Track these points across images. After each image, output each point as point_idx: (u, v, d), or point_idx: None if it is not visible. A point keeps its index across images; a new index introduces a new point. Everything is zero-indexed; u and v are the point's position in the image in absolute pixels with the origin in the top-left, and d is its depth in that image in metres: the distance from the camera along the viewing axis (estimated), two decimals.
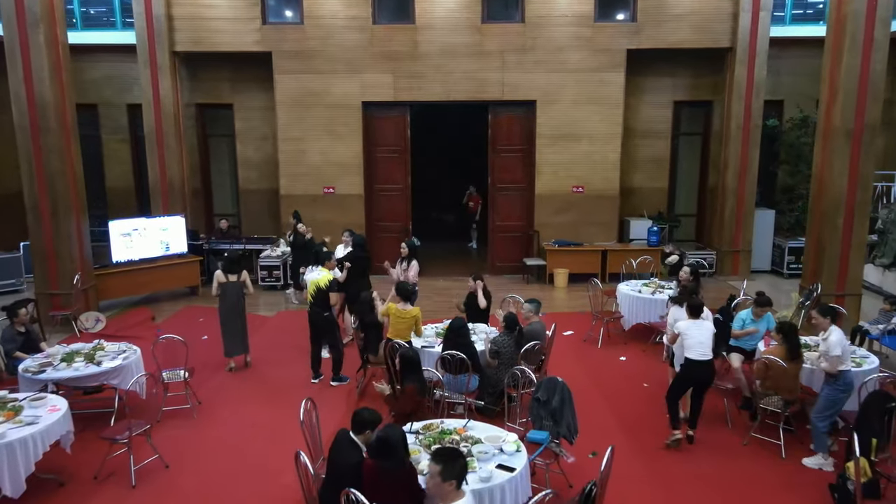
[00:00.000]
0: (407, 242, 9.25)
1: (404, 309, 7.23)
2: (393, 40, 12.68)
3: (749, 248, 13.07)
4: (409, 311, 7.24)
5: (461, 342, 6.60)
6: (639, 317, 9.28)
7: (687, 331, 6.23)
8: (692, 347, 6.17)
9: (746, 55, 12.40)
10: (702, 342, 6.13)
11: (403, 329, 7.22)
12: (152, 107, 12.61)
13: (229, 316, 8.44)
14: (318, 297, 7.74)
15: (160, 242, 11.59)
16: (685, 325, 6.27)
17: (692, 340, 6.16)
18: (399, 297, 7.32)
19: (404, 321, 7.22)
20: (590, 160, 13.03)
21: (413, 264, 8.95)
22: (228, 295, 8.39)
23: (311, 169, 13.11)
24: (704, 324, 6.30)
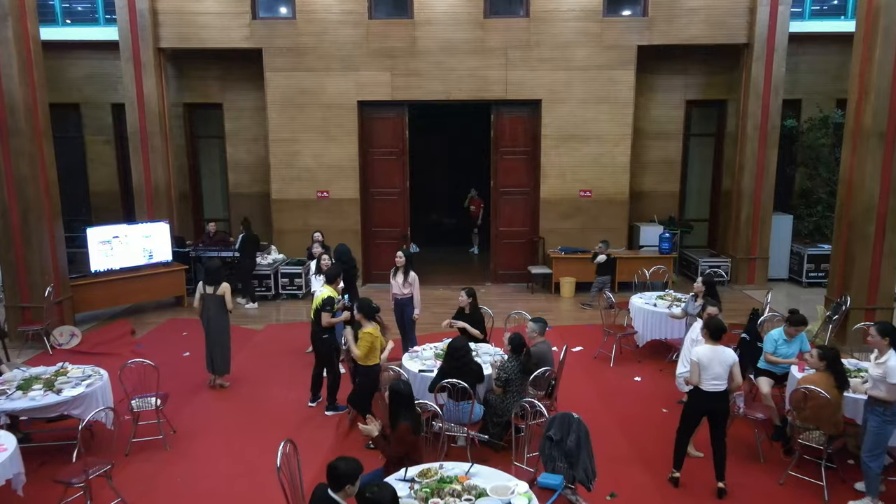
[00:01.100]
0: (403, 251, 8.48)
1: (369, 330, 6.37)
2: (390, 36, 12.00)
3: (766, 256, 12.39)
4: (369, 332, 6.30)
5: (462, 364, 5.93)
6: (654, 332, 8.60)
7: (706, 361, 5.39)
8: (708, 381, 5.40)
9: (764, 52, 11.71)
10: (719, 375, 5.37)
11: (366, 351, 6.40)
12: (136, 106, 11.94)
13: (208, 332, 7.84)
14: (315, 316, 7.07)
15: (143, 250, 10.92)
16: (704, 354, 5.44)
17: (709, 373, 5.38)
18: (363, 317, 6.41)
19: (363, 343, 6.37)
20: (598, 163, 12.35)
21: (413, 277, 8.19)
22: (208, 309, 7.79)
23: (304, 172, 12.43)
24: (725, 353, 5.46)
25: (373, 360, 6.36)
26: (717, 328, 5.46)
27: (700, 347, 5.50)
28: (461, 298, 7.49)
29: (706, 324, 5.57)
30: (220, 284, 7.70)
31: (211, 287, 7.70)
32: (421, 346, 7.11)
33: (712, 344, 5.45)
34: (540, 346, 6.47)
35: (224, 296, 7.69)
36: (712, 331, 5.46)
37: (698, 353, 5.45)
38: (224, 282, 7.77)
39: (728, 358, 5.38)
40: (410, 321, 8.25)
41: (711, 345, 5.44)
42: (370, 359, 6.35)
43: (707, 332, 5.51)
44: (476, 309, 7.54)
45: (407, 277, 8.13)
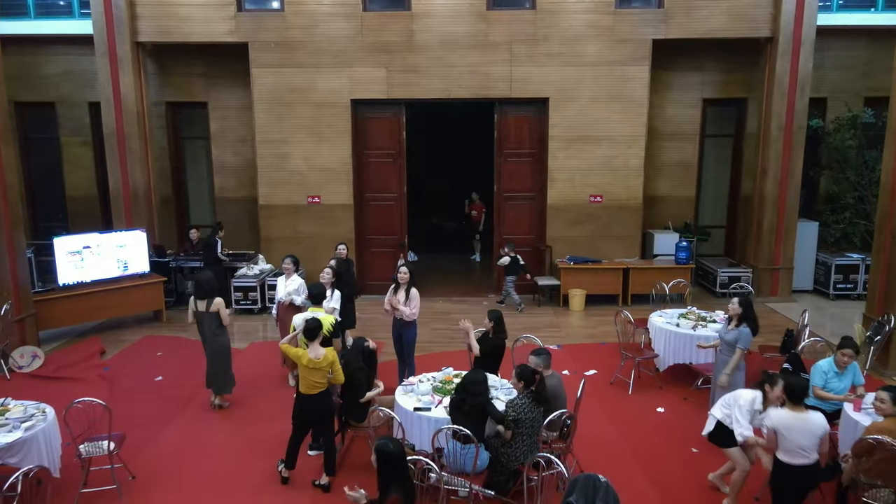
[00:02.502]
0: (407, 266, 7.49)
1: (316, 358, 5.51)
2: (386, 30, 11.14)
3: (791, 266, 11.51)
4: (326, 357, 5.55)
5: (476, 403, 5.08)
6: (677, 356, 7.73)
7: (787, 430, 4.45)
8: (791, 451, 4.49)
9: (790, 46, 10.84)
10: (805, 447, 4.45)
11: (316, 380, 5.58)
12: (112, 105, 11.08)
13: (207, 350, 7.15)
14: None
15: (117, 261, 10.06)
16: (783, 421, 4.47)
17: (792, 444, 4.46)
18: (306, 337, 5.58)
19: (318, 371, 5.55)
20: (609, 166, 11.48)
21: (414, 295, 7.29)
22: (201, 327, 7.09)
23: (294, 176, 11.57)
24: (813, 421, 4.49)
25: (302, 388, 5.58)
26: (800, 390, 4.53)
27: (778, 413, 4.57)
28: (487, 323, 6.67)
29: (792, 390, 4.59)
30: (213, 299, 6.96)
31: (203, 302, 6.96)
32: (417, 378, 6.23)
33: (795, 410, 4.52)
34: (548, 380, 5.59)
35: (218, 312, 6.97)
36: (795, 395, 4.53)
37: (775, 419, 4.51)
38: (217, 296, 7.03)
39: (818, 428, 4.49)
40: (409, 343, 7.38)
41: (794, 411, 4.51)
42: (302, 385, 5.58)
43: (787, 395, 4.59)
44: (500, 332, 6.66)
45: (408, 296, 7.24)
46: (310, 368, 5.50)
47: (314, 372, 5.51)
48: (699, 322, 7.83)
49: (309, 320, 5.62)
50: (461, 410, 5.09)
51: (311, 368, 5.50)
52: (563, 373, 8.09)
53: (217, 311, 7.00)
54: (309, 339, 5.54)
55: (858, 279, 11.45)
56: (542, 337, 9.60)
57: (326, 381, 5.61)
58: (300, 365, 5.53)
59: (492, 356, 6.56)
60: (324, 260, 11.20)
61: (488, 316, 6.60)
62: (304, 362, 5.50)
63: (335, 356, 5.66)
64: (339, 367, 5.66)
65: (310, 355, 5.50)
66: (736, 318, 6.34)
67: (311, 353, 5.51)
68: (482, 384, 5.17)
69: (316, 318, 5.67)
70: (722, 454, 5.45)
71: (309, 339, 5.54)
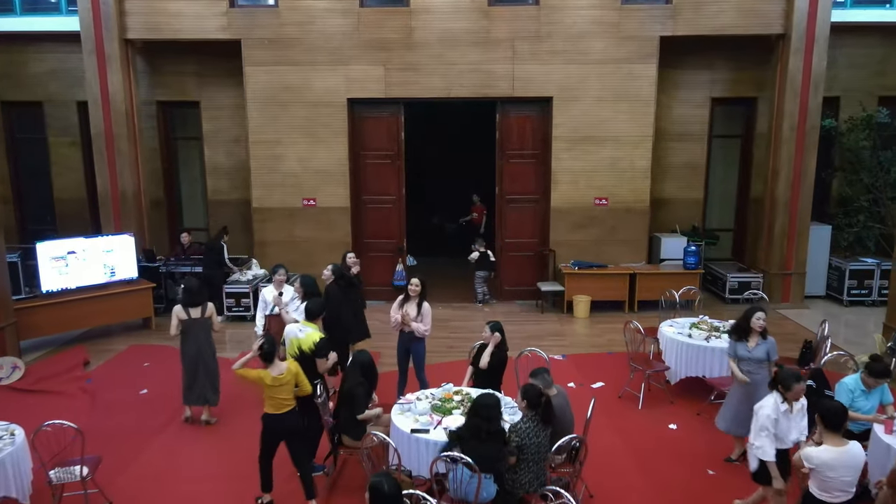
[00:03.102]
0: (421, 279, 6.91)
1: (280, 374, 5.20)
2: (384, 26, 10.75)
3: (803, 271, 11.12)
4: (289, 370, 5.26)
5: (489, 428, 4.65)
6: (689, 368, 7.33)
7: (831, 471, 4.02)
8: (832, 490, 4.07)
9: (803, 43, 10.44)
10: (848, 483, 4.04)
11: (284, 398, 5.25)
12: (100, 104, 10.69)
13: (194, 362, 6.77)
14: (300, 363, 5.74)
15: (103, 266, 9.67)
16: (827, 460, 4.03)
17: (835, 483, 4.04)
18: (264, 361, 5.25)
19: (284, 388, 5.23)
20: (615, 167, 11.08)
21: (426, 310, 6.83)
22: (192, 336, 6.71)
23: (288, 178, 11.18)
24: (854, 450, 4.07)
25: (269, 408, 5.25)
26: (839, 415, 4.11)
27: (817, 451, 4.09)
28: (486, 334, 6.24)
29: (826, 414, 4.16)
30: (207, 305, 6.75)
31: (196, 309, 6.68)
32: (415, 395, 5.83)
33: (835, 443, 4.08)
34: (554, 400, 5.19)
35: (212, 317, 6.79)
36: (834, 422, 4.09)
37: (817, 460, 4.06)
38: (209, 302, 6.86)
39: (859, 460, 4.10)
40: (420, 359, 6.95)
41: (834, 445, 4.07)
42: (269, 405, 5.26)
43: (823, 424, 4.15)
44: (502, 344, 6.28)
45: (421, 309, 6.80)
46: (275, 387, 5.18)
47: (280, 389, 5.21)
48: (712, 332, 7.43)
49: (262, 343, 5.27)
50: (479, 438, 4.62)
51: (276, 386, 5.19)
52: (568, 385, 7.74)
53: (211, 316, 6.80)
54: (267, 363, 5.22)
55: (873, 285, 11.07)
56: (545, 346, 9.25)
57: (294, 397, 5.31)
58: (265, 386, 5.19)
59: (495, 371, 6.17)
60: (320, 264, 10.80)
61: (491, 328, 6.19)
62: (268, 382, 5.17)
63: (298, 367, 5.37)
64: (304, 378, 5.38)
65: (273, 373, 5.19)
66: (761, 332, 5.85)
67: (273, 371, 5.20)
68: (499, 408, 4.75)
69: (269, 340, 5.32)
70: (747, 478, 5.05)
71: (266, 361, 5.22)
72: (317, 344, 5.70)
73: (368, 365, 5.53)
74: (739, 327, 5.91)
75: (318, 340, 5.70)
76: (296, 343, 5.80)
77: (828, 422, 4.08)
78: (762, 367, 5.74)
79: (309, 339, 5.73)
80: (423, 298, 6.81)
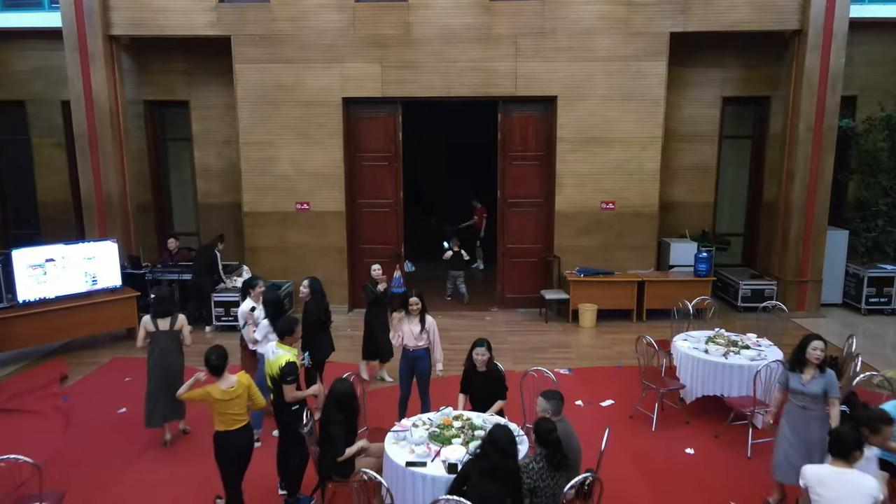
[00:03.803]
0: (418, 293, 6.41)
1: (230, 387, 4.90)
2: (380, 22, 10.26)
3: (819, 278, 10.62)
4: (240, 383, 4.95)
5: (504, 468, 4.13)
6: (706, 386, 6.83)
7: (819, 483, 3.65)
8: None
9: (820, 39, 9.95)
10: None
11: (235, 413, 4.92)
12: (83, 103, 10.21)
13: (159, 379, 6.32)
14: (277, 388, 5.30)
15: (84, 274, 9.18)
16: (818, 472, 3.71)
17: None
18: (212, 374, 4.96)
19: (235, 402, 4.91)
20: (623, 170, 10.59)
21: (431, 325, 6.37)
22: (159, 350, 6.30)
23: (281, 180, 10.69)
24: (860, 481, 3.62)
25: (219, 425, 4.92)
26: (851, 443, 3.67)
27: (817, 469, 3.69)
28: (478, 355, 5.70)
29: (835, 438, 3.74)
30: (177, 317, 6.38)
31: (165, 321, 6.31)
32: (411, 421, 5.33)
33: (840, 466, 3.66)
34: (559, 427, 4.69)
35: (182, 330, 6.39)
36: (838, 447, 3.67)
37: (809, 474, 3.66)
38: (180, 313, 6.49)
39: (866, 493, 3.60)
40: (424, 378, 6.48)
41: (838, 466, 3.66)
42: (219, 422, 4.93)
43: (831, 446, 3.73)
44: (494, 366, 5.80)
45: (424, 325, 6.34)
46: (225, 401, 4.86)
47: (231, 404, 4.88)
48: (730, 348, 6.94)
49: (208, 353, 4.95)
50: (494, 477, 4.10)
51: (226, 401, 4.86)
52: (575, 403, 7.25)
53: (181, 328, 6.41)
54: (216, 376, 4.93)
55: (893, 293, 10.59)
56: (549, 359, 8.83)
57: (247, 413, 5.01)
58: (213, 401, 4.86)
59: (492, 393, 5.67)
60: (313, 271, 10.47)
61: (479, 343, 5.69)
62: (216, 396, 4.85)
63: (250, 379, 5.07)
64: (256, 390, 5.07)
65: (221, 387, 4.88)
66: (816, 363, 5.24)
67: (222, 384, 4.90)
68: (511, 445, 4.22)
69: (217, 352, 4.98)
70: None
71: (215, 375, 4.93)
72: (282, 369, 5.13)
73: (345, 398, 4.91)
74: (795, 357, 5.22)
75: (284, 364, 5.15)
76: (269, 365, 5.30)
77: (832, 446, 3.62)
78: (817, 404, 5.07)
79: (276, 364, 5.19)
80: (424, 314, 6.33)
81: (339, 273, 10.88)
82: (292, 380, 5.21)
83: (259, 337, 6.34)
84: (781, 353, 6.89)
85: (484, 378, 5.69)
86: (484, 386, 5.66)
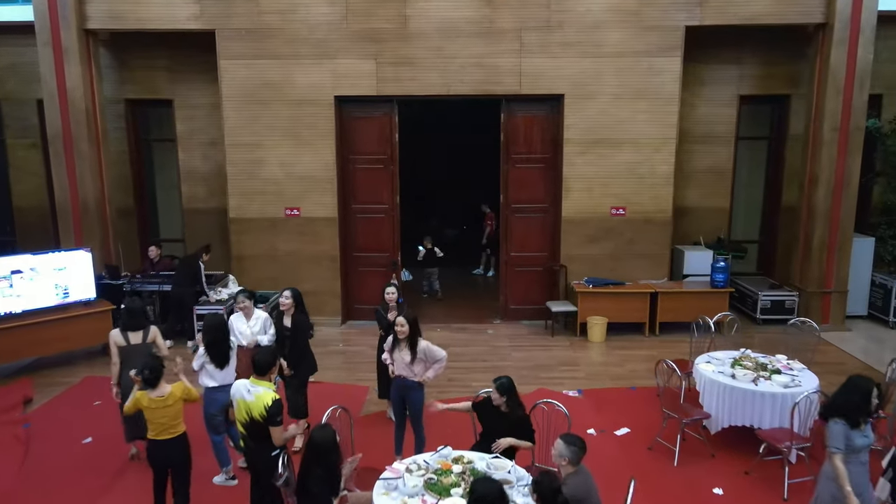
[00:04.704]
0: (406, 316, 5.60)
1: (159, 396, 4.82)
2: (375, 15, 9.59)
3: (844, 289, 9.94)
4: (172, 394, 4.88)
5: None
6: (734, 416, 6.16)
7: None
8: None
9: (847, 34, 9.28)
10: None
11: (165, 422, 4.87)
12: (57, 102, 9.55)
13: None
14: (253, 433, 4.62)
15: (55, 287, 8.51)
16: None
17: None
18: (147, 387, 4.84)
19: (165, 411, 4.85)
20: (634, 173, 9.92)
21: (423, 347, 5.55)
22: (131, 366, 5.60)
23: (269, 184, 10.02)
24: None
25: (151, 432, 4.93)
26: None
27: None
28: (495, 397, 4.99)
29: None
30: (150, 329, 5.92)
31: (137, 334, 5.84)
32: (404, 464, 4.65)
33: None
34: (574, 481, 4.03)
35: (155, 341, 5.94)
36: None
37: None
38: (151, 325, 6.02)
39: None
40: (417, 410, 5.76)
41: None
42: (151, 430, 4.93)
43: None
44: (516, 406, 5.01)
45: (415, 353, 5.57)
46: (154, 409, 4.81)
47: (159, 412, 4.83)
48: (759, 373, 6.27)
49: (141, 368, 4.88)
50: None
51: (155, 409, 4.81)
52: (588, 432, 6.57)
53: (154, 339, 5.95)
54: (150, 388, 4.82)
55: None
56: (556, 379, 8.16)
57: (182, 421, 4.96)
58: (142, 408, 4.84)
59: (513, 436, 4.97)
60: (303, 281, 9.85)
61: (498, 388, 4.95)
62: (144, 403, 4.81)
63: (187, 392, 4.98)
64: (191, 391, 5.02)
65: (151, 395, 4.81)
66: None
67: (152, 392, 4.83)
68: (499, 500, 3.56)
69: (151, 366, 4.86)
70: None
71: (149, 387, 4.82)
72: (268, 409, 4.45)
73: (325, 449, 4.17)
74: (853, 407, 4.22)
75: (271, 404, 4.48)
76: (244, 406, 4.59)
77: None
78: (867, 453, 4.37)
79: (260, 403, 4.50)
80: (415, 340, 5.60)
81: (331, 283, 10.22)
82: (281, 420, 4.56)
83: (196, 367, 5.65)
84: (817, 379, 6.22)
85: (503, 419, 4.97)
86: (501, 427, 4.93)
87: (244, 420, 4.56)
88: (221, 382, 5.58)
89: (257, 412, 4.47)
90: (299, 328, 6.25)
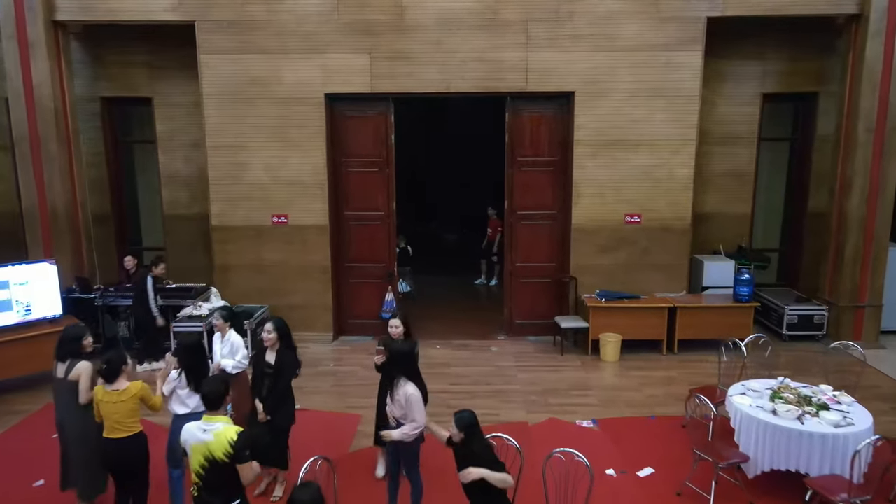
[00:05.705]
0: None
1: (115, 390, 4.66)
2: (369, 5, 8.83)
3: (879, 303, 9.17)
4: (128, 390, 4.69)
5: None
6: (777, 459, 5.38)
7: None
8: None
9: (883, 26, 8.51)
10: None
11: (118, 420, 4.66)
12: (22, 101, 8.80)
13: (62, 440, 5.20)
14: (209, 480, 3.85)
15: (15, 303, 7.74)
16: None
17: None
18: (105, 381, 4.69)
19: (119, 406, 4.66)
20: (650, 177, 9.15)
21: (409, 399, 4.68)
22: (56, 402, 5.14)
23: (255, 189, 9.26)
24: None
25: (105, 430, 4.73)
26: None
27: None
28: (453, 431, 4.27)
29: None
30: (76, 363, 4.98)
31: (62, 366, 5.03)
32: None
33: None
34: None
35: (78, 381, 4.97)
36: None
37: None
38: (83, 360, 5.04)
39: None
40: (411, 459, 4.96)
41: None
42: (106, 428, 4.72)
43: None
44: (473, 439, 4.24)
45: (395, 392, 4.77)
46: (107, 403, 4.64)
47: (113, 407, 4.64)
48: (804, 408, 5.48)
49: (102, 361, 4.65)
50: None
51: (108, 403, 4.64)
52: (607, 473, 5.79)
53: (76, 379, 4.96)
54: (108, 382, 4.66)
55: None
56: (568, 406, 7.39)
57: (138, 420, 4.75)
58: (98, 402, 4.69)
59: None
60: (292, 293, 9.13)
61: (457, 423, 4.21)
62: (98, 396, 4.68)
63: (145, 391, 4.75)
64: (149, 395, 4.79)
65: (106, 388, 4.66)
66: None
67: (108, 386, 4.66)
68: None
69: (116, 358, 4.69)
70: None
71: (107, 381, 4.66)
72: (234, 444, 3.72)
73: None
74: None
75: (236, 439, 3.73)
76: (201, 450, 3.79)
77: None
78: None
79: (222, 439, 3.74)
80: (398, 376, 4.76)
81: (322, 296, 9.45)
82: (249, 455, 3.80)
83: (167, 391, 5.03)
84: (870, 417, 5.44)
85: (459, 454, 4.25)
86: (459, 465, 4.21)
87: (202, 466, 3.78)
88: (194, 409, 4.92)
89: (220, 452, 3.71)
90: (284, 367, 5.39)
